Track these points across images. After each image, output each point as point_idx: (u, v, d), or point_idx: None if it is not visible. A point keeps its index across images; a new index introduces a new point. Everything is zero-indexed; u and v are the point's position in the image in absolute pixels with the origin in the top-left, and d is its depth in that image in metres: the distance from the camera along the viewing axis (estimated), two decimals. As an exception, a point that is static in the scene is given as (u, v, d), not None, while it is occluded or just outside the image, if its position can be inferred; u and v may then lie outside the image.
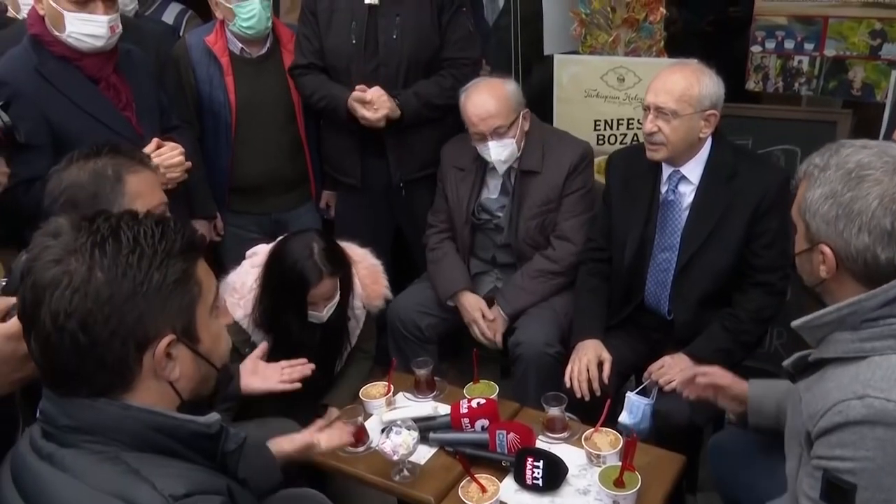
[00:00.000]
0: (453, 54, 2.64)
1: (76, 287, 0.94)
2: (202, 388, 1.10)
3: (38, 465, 0.99)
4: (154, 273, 0.98)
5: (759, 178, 2.11)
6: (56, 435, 0.99)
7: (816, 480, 1.25)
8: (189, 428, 1.02)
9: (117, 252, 0.97)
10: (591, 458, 1.79)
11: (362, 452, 1.92)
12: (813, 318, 1.30)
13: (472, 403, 1.92)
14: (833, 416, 1.21)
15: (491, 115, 2.38)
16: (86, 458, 0.96)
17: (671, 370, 2.07)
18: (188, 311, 1.03)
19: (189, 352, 1.04)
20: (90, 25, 2.06)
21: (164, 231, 1.01)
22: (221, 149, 2.70)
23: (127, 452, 0.97)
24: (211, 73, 2.62)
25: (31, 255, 1.00)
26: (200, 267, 1.06)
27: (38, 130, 2.03)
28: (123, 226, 1.00)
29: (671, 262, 2.21)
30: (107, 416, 0.98)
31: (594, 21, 2.93)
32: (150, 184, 1.67)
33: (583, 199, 2.50)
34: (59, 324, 0.94)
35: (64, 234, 0.99)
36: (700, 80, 2.09)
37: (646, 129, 2.11)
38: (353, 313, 2.27)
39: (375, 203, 2.80)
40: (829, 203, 1.25)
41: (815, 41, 2.89)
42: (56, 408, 1.00)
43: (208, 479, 1.00)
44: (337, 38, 2.58)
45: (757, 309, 2.12)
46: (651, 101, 2.10)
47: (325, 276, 2.05)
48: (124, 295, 0.96)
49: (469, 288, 2.56)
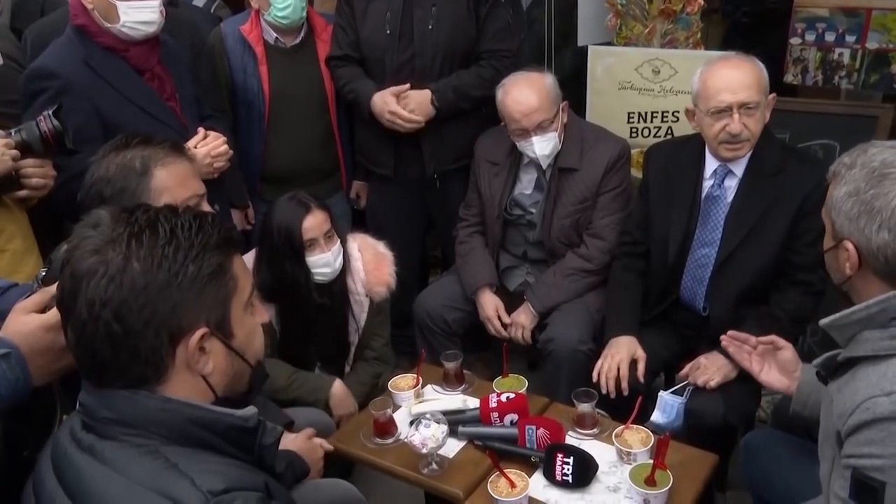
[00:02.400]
0: (492, 46, 2.62)
1: (112, 276, 0.95)
2: (236, 385, 1.09)
3: (78, 456, 1.00)
4: (189, 265, 0.98)
5: (804, 175, 2.06)
6: (96, 427, 1.00)
7: (846, 480, 1.24)
8: (227, 421, 1.02)
9: (154, 243, 0.98)
10: (622, 455, 1.78)
11: (391, 444, 1.92)
12: (842, 317, 1.31)
13: (501, 398, 1.92)
14: (861, 414, 1.21)
15: (534, 109, 2.35)
16: (126, 451, 0.97)
17: (707, 370, 2.05)
18: (222, 305, 1.03)
19: (222, 346, 1.05)
20: (143, 12, 2.08)
21: (201, 225, 1.02)
22: (254, 138, 2.72)
23: (166, 446, 0.97)
24: (245, 62, 2.64)
25: (71, 245, 1.01)
26: (237, 262, 1.07)
27: (90, 122, 2.05)
28: (161, 218, 1.01)
29: (710, 257, 2.17)
30: (147, 409, 0.99)
31: (630, 12, 2.89)
32: (180, 176, 1.63)
33: (619, 197, 2.47)
34: (95, 313, 0.96)
35: (103, 225, 1.00)
36: (760, 67, 2.06)
37: (733, 132, 2.02)
38: (355, 297, 2.28)
39: (408, 194, 2.80)
40: (852, 200, 1.28)
41: (857, 33, 2.82)
42: (96, 400, 1.01)
43: (246, 474, 1.01)
44: (372, 29, 2.57)
45: (795, 308, 2.08)
46: (732, 101, 2.01)
47: (314, 207, 2.12)
48: (159, 285, 0.96)
49: (490, 286, 2.54)
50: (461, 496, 1.74)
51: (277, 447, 1.12)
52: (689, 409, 2.03)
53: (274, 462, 1.11)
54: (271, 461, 1.10)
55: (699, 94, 2.10)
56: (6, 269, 1.91)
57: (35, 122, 1.82)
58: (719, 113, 2.04)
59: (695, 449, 1.82)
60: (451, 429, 1.82)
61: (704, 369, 2.06)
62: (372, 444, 1.92)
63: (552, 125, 2.39)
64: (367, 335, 2.37)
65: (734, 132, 2.03)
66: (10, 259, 1.94)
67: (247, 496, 0.95)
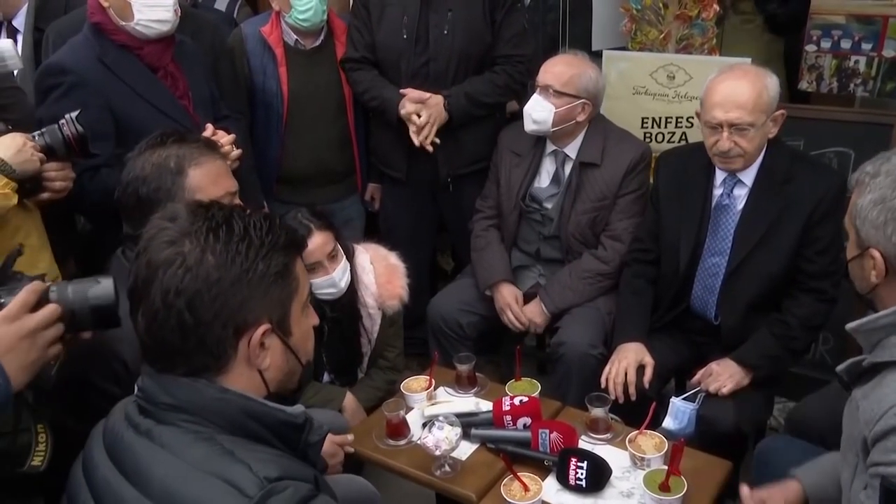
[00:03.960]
0: (507, 51, 2.63)
1: (189, 267, 1.00)
2: (287, 382, 1.14)
3: (135, 439, 1.03)
4: (259, 263, 1.03)
5: (815, 183, 2.06)
6: (154, 412, 1.04)
7: (875, 490, 1.23)
8: (278, 416, 1.06)
9: (229, 239, 1.02)
10: (636, 460, 1.78)
11: (404, 446, 1.93)
12: (868, 322, 1.31)
13: (514, 401, 1.92)
14: (889, 420, 1.20)
15: (553, 71, 2.41)
16: (183, 436, 1.00)
17: (720, 377, 2.06)
18: (285, 304, 1.08)
19: (280, 343, 1.09)
20: (157, 11, 2.10)
21: (271, 225, 1.07)
22: (272, 139, 2.74)
23: (221, 434, 1.01)
24: (265, 64, 2.66)
25: (147, 236, 1.06)
26: (298, 264, 1.12)
27: (102, 118, 2.07)
28: (235, 216, 1.06)
29: (721, 266, 2.17)
30: (205, 397, 1.03)
31: (645, 17, 2.89)
32: (213, 175, 1.66)
33: (637, 200, 2.47)
34: (169, 301, 1.00)
35: (180, 218, 1.05)
36: (766, 84, 2.03)
37: (722, 149, 2.02)
38: (367, 311, 2.27)
39: (420, 197, 2.81)
40: (879, 208, 1.28)
41: (873, 41, 2.81)
42: (156, 385, 1.04)
43: (298, 466, 1.04)
44: (388, 33, 2.59)
45: (807, 316, 2.08)
46: (722, 119, 2.00)
47: (315, 229, 2.08)
48: (231, 279, 1.01)
49: (509, 280, 2.55)
50: (474, 499, 1.74)
51: (322, 446, 1.16)
52: (701, 416, 2.04)
53: (318, 459, 1.14)
54: (315, 458, 1.13)
55: (702, 102, 2.11)
56: (23, 265, 1.90)
57: (58, 125, 1.84)
58: (712, 128, 2.05)
59: (709, 455, 1.82)
60: (463, 431, 1.83)
61: (717, 376, 2.07)
62: (384, 445, 1.93)
63: (555, 98, 2.40)
64: (380, 347, 2.37)
65: (722, 150, 2.03)
66: (27, 255, 1.95)
67: (298, 485, 0.98)
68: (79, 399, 1.54)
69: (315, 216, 2.12)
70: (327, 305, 2.18)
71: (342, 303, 2.21)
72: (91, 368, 1.56)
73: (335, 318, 2.22)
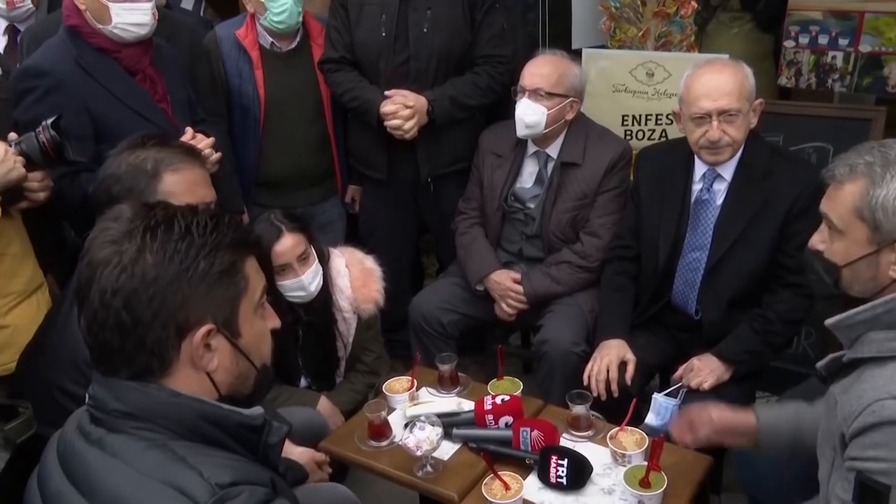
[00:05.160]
0: (488, 51, 2.63)
1: (124, 266, 0.98)
2: (240, 386, 1.10)
3: (86, 449, 1.02)
4: (201, 261, 1.01)
5: (794, 178, 2.07)
6: (105, 420, 1.02)
7: (850, 483, 1.23)
8: (235, 419, 1.04)
9: (168, 238, 1.00)
10: (617, 457, 1.78)
11: (385, 447, 1.92)
12: (847, 317, 1.29)
13: (496, 400, 1.92)
14: (867, 417, 1.20)
15: (541, 74, 2.40)
16: (135, 444, 0.99)
17: (701, 372, 2.06)
18: (231, 304, 1.05)
19: (228, 345, 1.06)
20: (135, 14, 2.09)
21: (217, 224, 1.05)
22: (249, 142, 2.72)
23: (174, 441, 0.99)
24: (241, 67, 2.64)
25: (91, 236, 1.04)
26: (250, 264, 1.09)
27: (81, 121, 2.05)
28: (179, 215, 1.04)
29: (701, 261, 2.18)
30: (157, 401, 1.01)
31: (624, 15, 2.90)
32: (189, 182, 1.64)
33: (618, 198, 2.48)
34: (106, 301, 0.98)
35: (123, 218, 1.04)
36: (746, 73, 2.06)
37: (712, 139, 2.03)
38: (342, 315, 2.26)
39: (401, 198, 2.80)
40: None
41: (850, 36, 2.84)
42: (106, 391, 1.03)
43: (253, 470, 1.02)
44: (367, 32, 2.58)
45: (787, 310, 2.09)
46: (711, 108, 2.01)
47: (286, 231, 2.07)
48: (169, 278, 0.99)
49: (500, 267, 2.55)
50: (455, 499, 1.74)
51: (282, 447, 1.13)
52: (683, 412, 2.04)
53: (278, 461, 1.13)
54: (275, 460, 1.11)
55: (682, 98, 2.12)
56: (7, 273, 1.93)
57: (34, 133, 1.82)
58: (699, 119, 2.05)
59: (689, 451, 1.81)
60: (445, 431, 1.82)
61: (698, 371, 2.08)
62: (366, 446, 1.92)
63: (546, 100, 2.40)
64: (357, 350, 2.35)
65: (713, 139, 2.04)
66: (10, 263, 1.94)
67: (253, 490, 0.96)
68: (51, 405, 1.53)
69: (287, 218, 2.10)
70: (301, 309, 2.16)
71: (316, 306, 2.19)
72: (59, 373, 1.55)
73: (310, 322, 2.20)
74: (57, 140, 1.82)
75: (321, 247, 2.21)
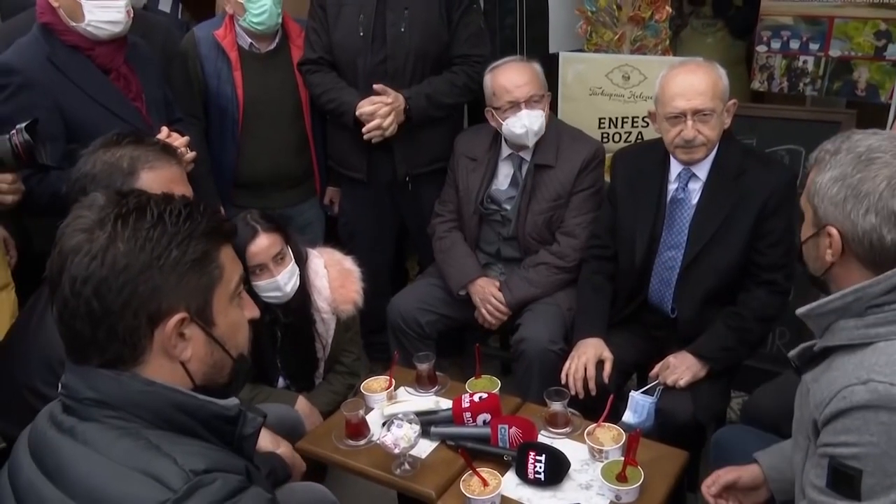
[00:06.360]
0: (465, 51, 2.65)
1: (94, 254, 0.97)
2: (216, 375, 1.09)
3: (58, 438, 1.00)
4: (173, 249, 1.00)
5: (766, 177, 2.11)
6: (77, 409, 1.01)
7: (823, 469, 1.24)
8: (210, 409, 1.04)
9: (140, 225, 0.99)
10: (594, 453, 1.79)
11: (363, 446, 1.91)
12: (818, 306, 1.30)
13: (473, 398, 1.92)
14: (838, 402, 1.21)
15: (526, 82, 2.43)
16: (107, 432, 0.97)
17: (677, 369, 2.08)
18: (205, 293, 1.04)
19: (203, 334, 1.05)
20: (109, 12, 2.08)
21: (191, 212, 1.04)
22: (227, 144, 2.71)
23: (148, 430, 0.98)
24: (219, 68, 2.63)
25: (63, 224, 1.03)
26: (225, 253, 1.08)
27: (51, 119, 2.03)
28: (152, 203, 1.03)
29: (677, 260, 2.20)
30: (131, 390, 1.00)
31: (600, 19, 2.93)
32: (166, 180, 1.63)
33: (592, 197, 2.51)
34: (76, 289, 0.97)
35: (96, 206, 1.02)
36: (720, 74, 2.10)
37: (687, 137, 2.06)
38: (321, 316, 2.25)
39: (380, 198, 2.80)
40: (839, 185, 1.25)
41: (820, 41, 2.88)
42: (79, 379, 1.01)
43: (228, 458, 1.02)
44: (345, 32, 2.59)
45: (761, 307, 2.11)
46: (686, 108, 2.05)
47: (261, 231, 2.06)
48: (140, 266, 0.98)
49: (483, 274, 2.56)
50: (433, 496, 1.74)
51: (257, 438, 1.13)
52: (660, 409, 2.06)
53: (252, 452, 1.12)
54: (250, 451, 1.11)
55: (658, 99, 2.15)
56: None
57: (7, 136, 1.80)
58: (675, 118, 2.08)
59: (665, 446, 1.84)
60: (423, 429, 1.82)
61: (674, 369, 2.09)
62: (344, 445, 1.91)
63: (540, 104, 2.45)
64: (336, 351, 2.34)
65: (688, 138, 2.07)
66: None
67: (228, 478, 0.95)
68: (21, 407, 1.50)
69: (263, 218, 2.09)
70: (280, 310, 2.15)
71: (294, 307, 2.17)
72: (30, 374, 1.53)
73: (288, 323, 2.19)
74: (30, 143, 1.80)
75: (298, 247, 2.20)
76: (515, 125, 2.43)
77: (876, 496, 1.17)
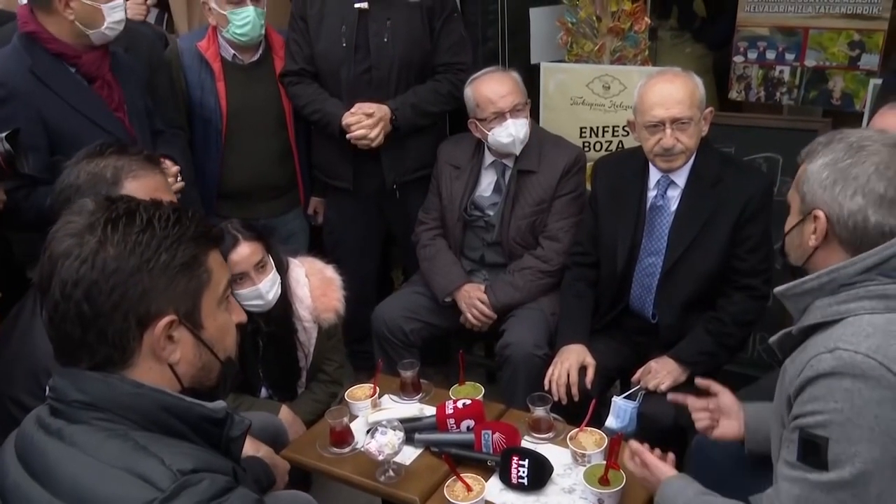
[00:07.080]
0: (447, 59, 2.68)
1: (84, 258, 0.99)
2: (204, 378, 1.11)
3: (45, 441, 1.01)
4: (162, 253, 1.01)
5: (743, 184, 2.14)
6: (65, 411, 1.01)
7: (794, 444, 1.26)
8: (197, 411, 1.05)
9: (129, 230, 1.01)
10: (577, 457, 1.81)
11: (347, 453, 1.92)
12: (794, 285, 1.34)
13: (457, 404, 1.93)
14: (806, 372, 1.24)
15: (509, 92, 2.47)
16: (95, 434, 0.98)
17: (658, 374, 2.11)
18: (193, 296, 1.06)
19: (191, 336, 1.07)
20: (118, 12, 2.12)
21: (179, 217, 1.06)
22: (211, 154, 2.71)
23: (135, 431, 0.99)
24: (202, 79, 2.64)
25: (53, 229, 1.04)
26: (213, 257, 1.09)
27: (35, 132, 2.02)
28: (141, 208, 1.04)
29: (657, 266, 2.23)
30: (119, 392, 1.01)
31: (580, 30, 2.97)
32: (150, 188, 1.63)
33: (574, 202, 2.54)
34: (66, 293, 0.99)
35: (86, 211, 1.04)
36: (697, 83, 2.14)
37: (666, 146, 2.09)
38: (303, 325, 2.25)
39: (366, 207, 2.81)
40: (829, 169, 1.29)
41: (795, 52, 2.94)
42: (68, 383, 1.02)
43: (215, 459, 1.03)
44: (327, 42, 2.60)
45: (740, 312, 2.14)
46: (664, 116, 2.08)
47: (242, 240, 2.06)
48: (129, 270, 0.99)
49: (468, 280, 2.58)
50: (418, 502, 1.74)
51: (244, 440, 1.14)
52: (642, 413, 2.08)
53: (239, 454, 1.13)
54: (237, 453, 1.12)
55: (636, 108, 2.18)
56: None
57: None
58: (654, 127, 2.11)
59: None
60: (407, 436, 1.83)
61: (655, 373, 2.12)
62: (328, 453, 1.92)
63: (523, 112, 2.49)
64: (319, 360, 2.33)
65: (667, 146, 2.10)
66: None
67: (215, 478, 0.96)
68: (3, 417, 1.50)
69: (244, 227, 2.09)
70: (261, 319, 2.15)
71: (276, 316, 2.17)
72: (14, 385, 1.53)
73: (270, 333, 2.19)
74: (11, 153, 1.80)
75: (280, 256, 2.20)
76: (501, 135, 2.46)
77: (842, 465, 1.19)
